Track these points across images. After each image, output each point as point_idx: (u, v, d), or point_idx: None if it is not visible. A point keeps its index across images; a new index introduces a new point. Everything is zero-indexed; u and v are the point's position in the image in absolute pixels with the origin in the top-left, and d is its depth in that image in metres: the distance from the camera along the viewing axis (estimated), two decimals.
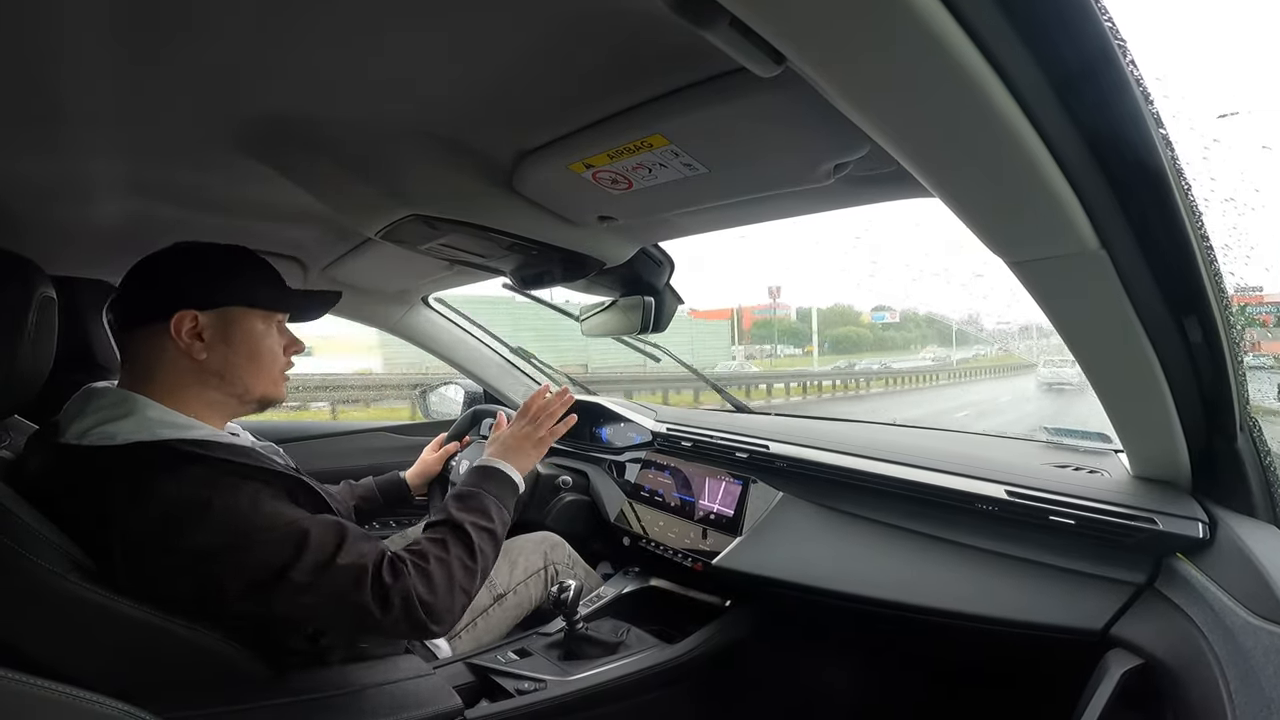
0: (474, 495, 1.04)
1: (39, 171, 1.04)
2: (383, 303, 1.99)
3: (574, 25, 0.64)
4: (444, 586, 0.89)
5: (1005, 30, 0.46)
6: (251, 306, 0.97)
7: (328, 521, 0.88)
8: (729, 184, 0.90)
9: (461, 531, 0.96)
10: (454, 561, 0.92)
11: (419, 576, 0.87)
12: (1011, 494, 1.06)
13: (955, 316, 42.93)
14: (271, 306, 1.00)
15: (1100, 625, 0.92)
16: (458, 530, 0.97)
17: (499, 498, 1.07)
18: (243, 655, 0.87)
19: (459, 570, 0.92)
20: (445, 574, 0.90)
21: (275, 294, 1.01)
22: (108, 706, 0.67)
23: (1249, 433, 0.86)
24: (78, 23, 0.63)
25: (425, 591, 0.87)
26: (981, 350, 38.44)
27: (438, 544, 0.94)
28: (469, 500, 1.03)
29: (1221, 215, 0.71)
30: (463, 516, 0.99)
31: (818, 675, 1.49)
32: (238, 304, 0.95)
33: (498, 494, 1.07)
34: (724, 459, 1.53)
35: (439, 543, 0.94)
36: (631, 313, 1.49)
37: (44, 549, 0.78)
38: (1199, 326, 0.74)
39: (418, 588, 0.86)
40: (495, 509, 1.04)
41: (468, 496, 1.04)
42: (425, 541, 0.94)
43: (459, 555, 0.94)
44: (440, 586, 0.89)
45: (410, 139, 0.91)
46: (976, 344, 40.25)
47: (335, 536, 0.86)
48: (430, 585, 0.88)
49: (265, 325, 0.99)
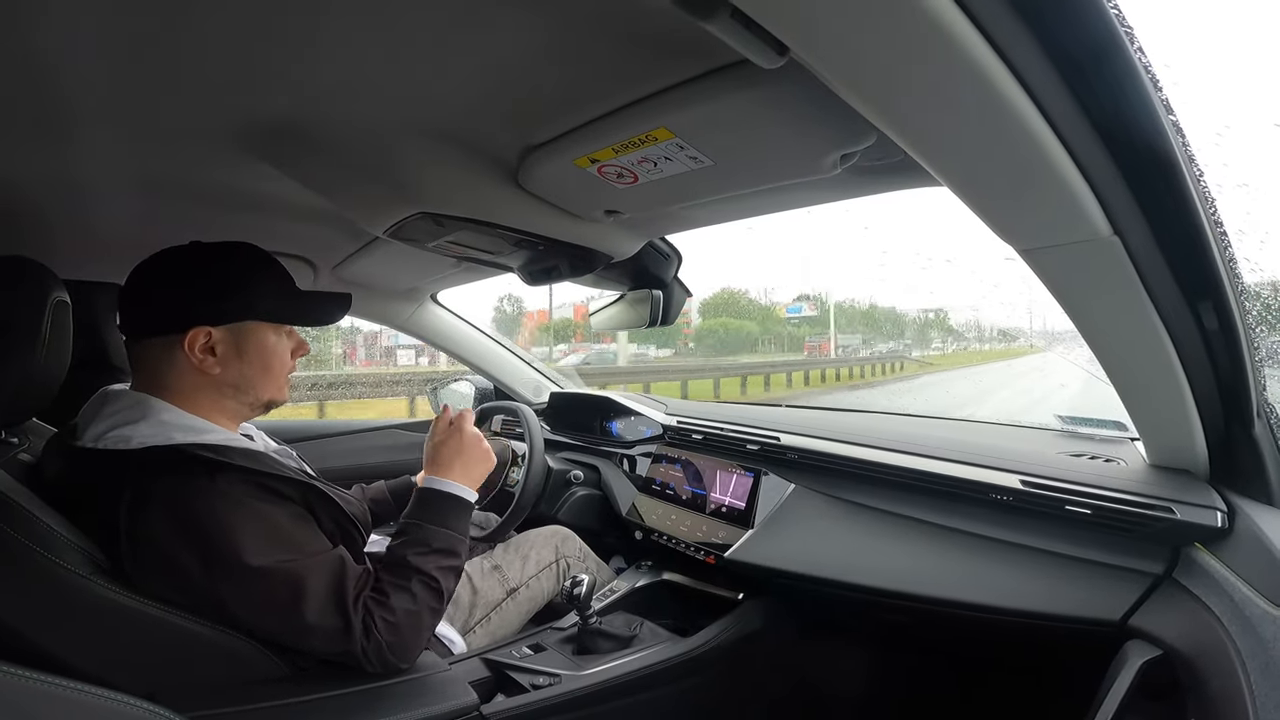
0: (433, 536, 1.01)
1: (50, 177, 1.05)
2: (392, 301, 2.00)
3: (577, 21, 0.64)
4: (411, 633, 0.93)
5: (1011, 17, 0.45)
6: (264, 320, 0.96)
7: (327, 565, 0.89)
8: (735, 176, 0.90)
9: (428, 579, 0.96)
10: (422, 609, 0.94)
11: (388, 631, 0.90)
12: (1027, 484, 1.05)
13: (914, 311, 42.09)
14: (286, 319, 0.99)
15: (1118, 616, 0.91)
16: (424, 578, 0.96)
17: (456, 529, 1.04)
18: (263, 655, 0.88)
19: (427, 615, 0.95)
20: (414, 623, 0.93)
21: (288, 305, 0.99)
22: (135, 707, 0.67)
23: (1266, 420, 0.85)
24: (81, 23, 0.63)
25: (395, 640, 0.91)
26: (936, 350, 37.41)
27: (406, 594, 0.93)
28: (432, 542, 1.00)
29: (1235, 200, 0.70)
30: (426, 563, 0.97)
31: (832, 667, 1.48)
32: (250, 318, 0.94)
33: (453, 525, 1.04)
34: (735, 451, 1.53)
35: (407, 593, 0.93)
36: (640, 306, 1.49)
37: (69, 552, 0.79)
38: (1214, 313, 0.72)
39: (388, 639, 0.90)
40: (456, 543, 1.02)
41: (428, 538, 1.00)
42: (393, 592, 0.93)
43: (427, 602, 0.95)
44: (409, 634, 0.92)
45: (416, 137, 0.91)
46: (939, 343, 39.69)
47: (332, 585, 0.88)
48: (399, 635, 0.91)
49: (277, 335, 0.98)
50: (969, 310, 42.78)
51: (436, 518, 1.03)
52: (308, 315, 1.03)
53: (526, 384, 2.25)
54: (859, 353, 30.18)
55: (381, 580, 0.94)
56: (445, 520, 1.03)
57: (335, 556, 0.91)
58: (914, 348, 33.87)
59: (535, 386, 2.26)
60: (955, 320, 43.89)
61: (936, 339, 41.18)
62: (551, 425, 2.11)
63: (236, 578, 0.82)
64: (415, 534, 1.01)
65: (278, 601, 0.84)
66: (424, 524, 1.02)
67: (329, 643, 0.87)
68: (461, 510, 1.07)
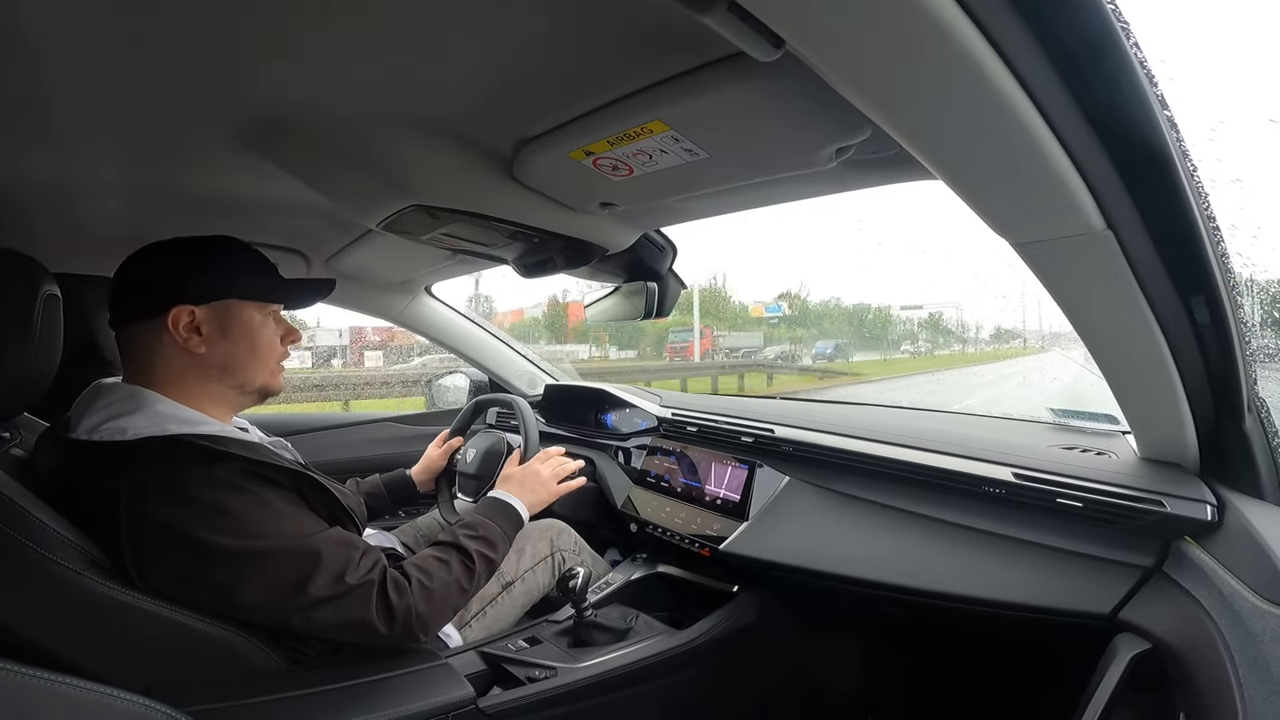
0: (485, 525, 1.11)
1: (39, 169, 1.04)
2: (386, 293, 1.99)
3: (572, 13, 0.64)
4: (440, 604, 0.97)
5: (1008, 11, 0.45)
6: (245, 298, 0.97)
7: (337, 538, 0.91)
8: (730, 169, 0.90)
9: (469, 557, 1.03)
10: (454, 584, 0.99)
11: (421, 595, 0.93)
12: (1019, 476, 1.05)
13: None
14: (265, 297, 1.00)
15: (1108, 609, 0.92)
16: (465, 555, 1.03)
17: (506, 532, 1.14)
18: (260, 649, 0.88)
19: (456, 592, 1.00)
20: (444, 594, 0.97)
21: (268, 284, 1.01)
22: (132, 703, 0.67)
23: (1257, 414, 0.85)
24: (72, 18, 0.63)
25: (424, 608, 0.93)
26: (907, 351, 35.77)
27: (444, 565, 1.00)
28: (480, 529, 1.09)
29: (1228, 195, 0.70)
30: (472, 544, 1.05)
31: (826, 660, 1.49)
32: (232, 296, 0.96)
33: (505, 528, 1.14)
34: (729, 443, 1.53)
35: (445, 564, 1.00)
36: (635, 298, 1.49)
37: (63, 548, 0.78)
38: (1206, 307, 0.73)
39: (419, 605, 0.93)
40: (502, 541, 1.12)
41: (479, 526, 1.10)
42: (433, 561, 1.00)
43: (459, 578, 1.00)
44: (438, 604, 0.96)
45: (410, 129, 0.90)
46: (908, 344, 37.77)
47: (344, 555, 0.89)
48: (430, 602, 0.94)
49: (261, 316, 0.99)
50: (952, 308, 40.81)
51: (493, 515, 1.15)
52: (287, 294, 1.05)
53: (521, 376, 2.25)
54: (757, 355, 26.18)
55: (428, 553, 1.02)
56: (500, 523, 1.14)
57: (336, 532, 0.92)
58: (854, 349, 31.28)
59: (530, 379, 2.26)
60: (946, 319, 41.99)
61: (908, 341, 39.13)
62: (546, 417, 2.11)
63: (244, 562, 0.82)
64: (469, 519, 1.12)
65: (287, 579, 0.84)
66: (480, 516, 1.14)
67: (344, 615, 0.87)
68: (515, 521, 1.18)
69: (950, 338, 41.19)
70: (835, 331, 36.48)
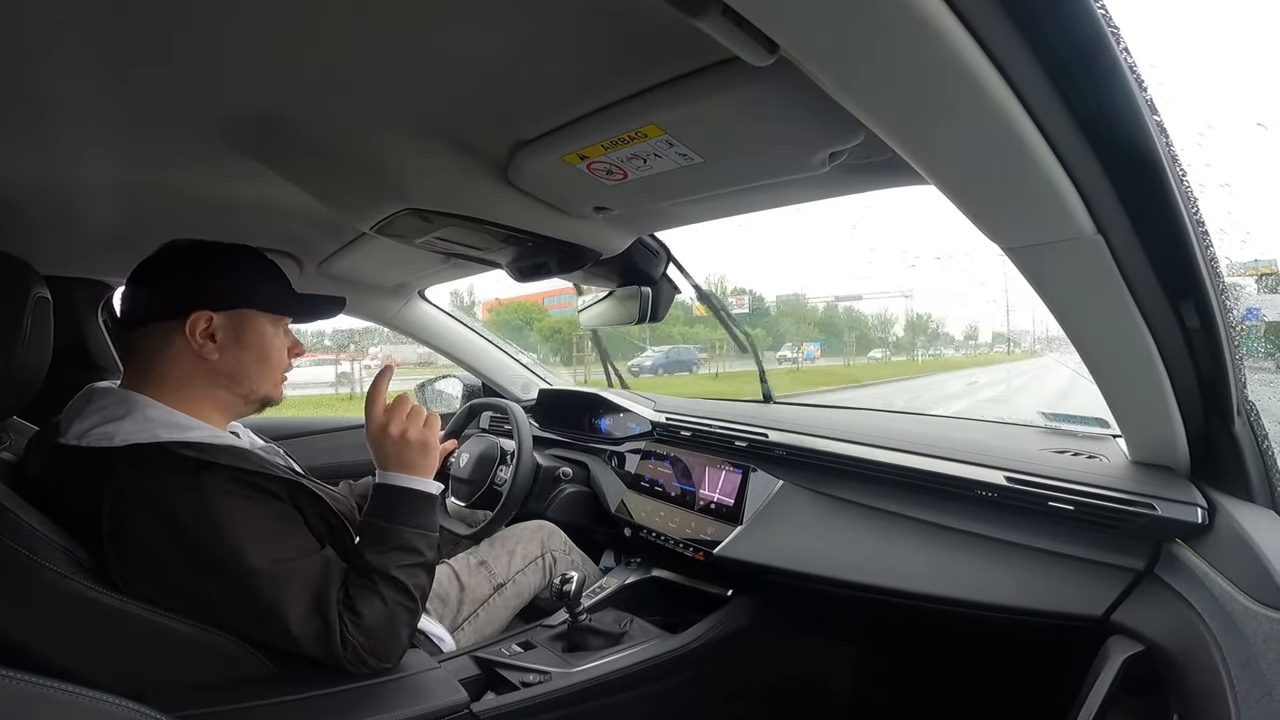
0: (388, 534, 0.97)
1: (31, 171, 1.03)
2: (379, 297, 1.99)
3: (567, 17, 0.64)
4: (388, 633, 0.92)
5: (999, 16, 0.46)
6: (262, 309, 0.98)
7: (310, 567, 0.89)
8: (724, 173, 0.90)
9: (391, 580, 0.93)
10: (394, 608, 0.93)
11: (361, 634, 0.89)
12: (1011, 480, 1.06)
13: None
14: (280, 310, 1.01)
15: (1100, 612, 0.92)
16: (388, 579, 0.93)
17: (417, 524, 0.99)
18: (251, 654, 0.88)
19: (401, 613, 0.94)
20: (389, 623, 0.92)
21: (286, 298, 1.02)
22: (121, 707, 0.67)
23: (1246, 417, 0.86)
24: (65, 19, 0.63)
25: (371, 642, 0.90)
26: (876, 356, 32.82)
27: (374, 596, 0.91)
28: (389, 541, 0.96)
29: (1217, 200, 0.71)
30: (388, 564, 0.94)
31: (821, 663, 1.49)
32: (250, 306, 0.96)
33: (413, 521, 0.99)
34: (723, 448, 1.53)
35: (375, 594, 0.92)
36: (629, 303, 1.49)
37: (51, 552, 0.78)
38: (1195, 311, 0.73)
39: (363, 643, 0.89)
40: (418, 538, 0.98)
41: (384, 537, 0.97)
42: (358, 594, 0.90)
43: (396, 600, 0.93)
44: (384, 635, 0.91)
45: (404, 133, 0.90)
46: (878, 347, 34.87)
47: (315, 588, 0.88)
48: (374, 636, 0.90)
49: (274, 328, 1.00)
50: (899, 296, 37.12)
51: (395, 515, 0.99)
52: (305, 310, 1.06)
53: (515, 381, 2.25)
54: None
55: (349, 584, 0.92)
56: (404, 517, 0.99)
57: (320, 560, 0.91)
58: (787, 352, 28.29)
59: (524, 383, 2.26)
60: (892, 313, 39.01)
61: (879, 348, 35.92)
62: (540, 422, 2.11)
63: (220, 577, 0.82)
64: (370, 533, 0.98)
65: (261, 603, 0.84)
66: (379, 522, 0.98)
67: (313, 646, 0.87)
68: (421, 504, 1.01)
69: (923, 339, 39.17)
70: (794, 333, 34.53)
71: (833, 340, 33.56)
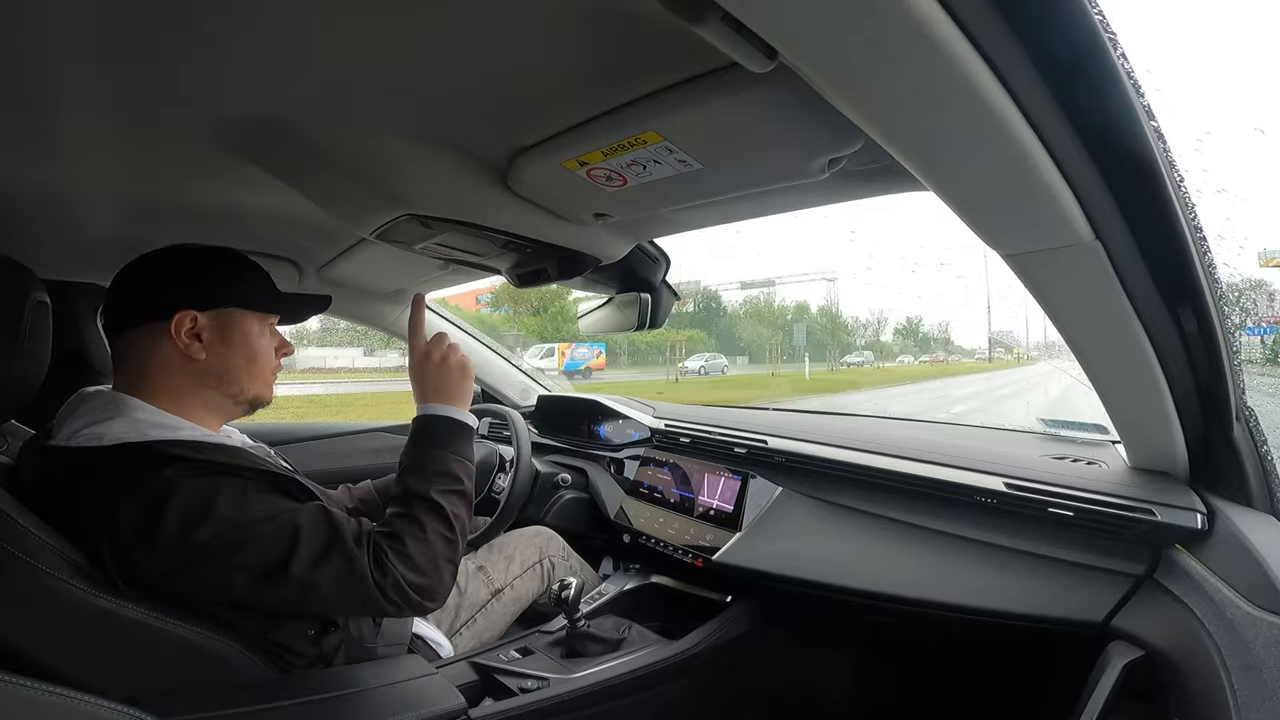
0: (430, 459, 0.99)
1: (31, 174, 1.03)
2: (379, 302, 1.99)
3: (566, 23, 0.64)
4: (430, 566, 0.90)
5: (997, 22, 0.46)
6: (248, 308, 0.97)
7: (315, 511, 0.88)
8: (724, 180, 0.90)
9: (431, 503, 0.94)
10: (433, 537, 0.92)
11: (402, 563, 0.87)
12: (1010, 486, 1.06)
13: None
14: (268, 309, 1.00)
15: (1100, 617, 0.92)
16: (427, 503, 0.94)
17: (456, 451, 1.01)
18: (247, 658, 0.87)
19: (440, 544, 0.92)
20: (428, 553, 0.90)
21: (271, 296, 1.01)
22: (117, 712, 0.66)
23: (1245, 423, 0.86)
24: (65, 22, 0.63)
25: (415, 576, 0.88)
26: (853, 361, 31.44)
27: (412, 523, 0.92)
28: (429, 467, 0.98)
29: (1214, 205, 0.71)
30: (426, 487, 0.95)
31: (820, 670, 1.49)
32: (235, 305, 0.96)
33: (453, 447, 1.01)
34: (723, 454, 1.53)
35: (413, 521, 0.92)
36: (628, 309, 1.49)
37: (47, 555, 0.77)
38: (1193, 317, 0.74)
39: (406, 575, 0.87)
40: (457, 465, 1.00)
41: (425, 463, 0.99)
42: (398, 523, 0.92)
43: (436, 529, 0.93)
44: (427, 567, 0.89)
45: (404, 139, 0.90)
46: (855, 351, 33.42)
47: (326, 527, 0.86)
48: (416, 569, 0.88)
49: (260, 327, 0.99)
50: (824, 279, 34.16)
51: (436, 442, 1.02)
52: (289, 308, 1.05)
53: (514, 387, 2.25)
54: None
55: (388, 515, 0.94)
56: (444, 443, 1.02)
57: (316, 506, 0.89)
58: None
59: (523, 390, 2.26)
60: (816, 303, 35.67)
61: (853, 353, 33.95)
62: (539, 428, 2.11)
63: (222, 548, 0.80)
64: (410, 461, 1.00)
65: (271, 559, 0.82)
66: (419, 449, 1.01)
67: (339, 589, 0.85)
68: (460, 432, 1.04)
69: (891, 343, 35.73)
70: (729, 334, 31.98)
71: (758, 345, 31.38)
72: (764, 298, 34.95)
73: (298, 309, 1.08)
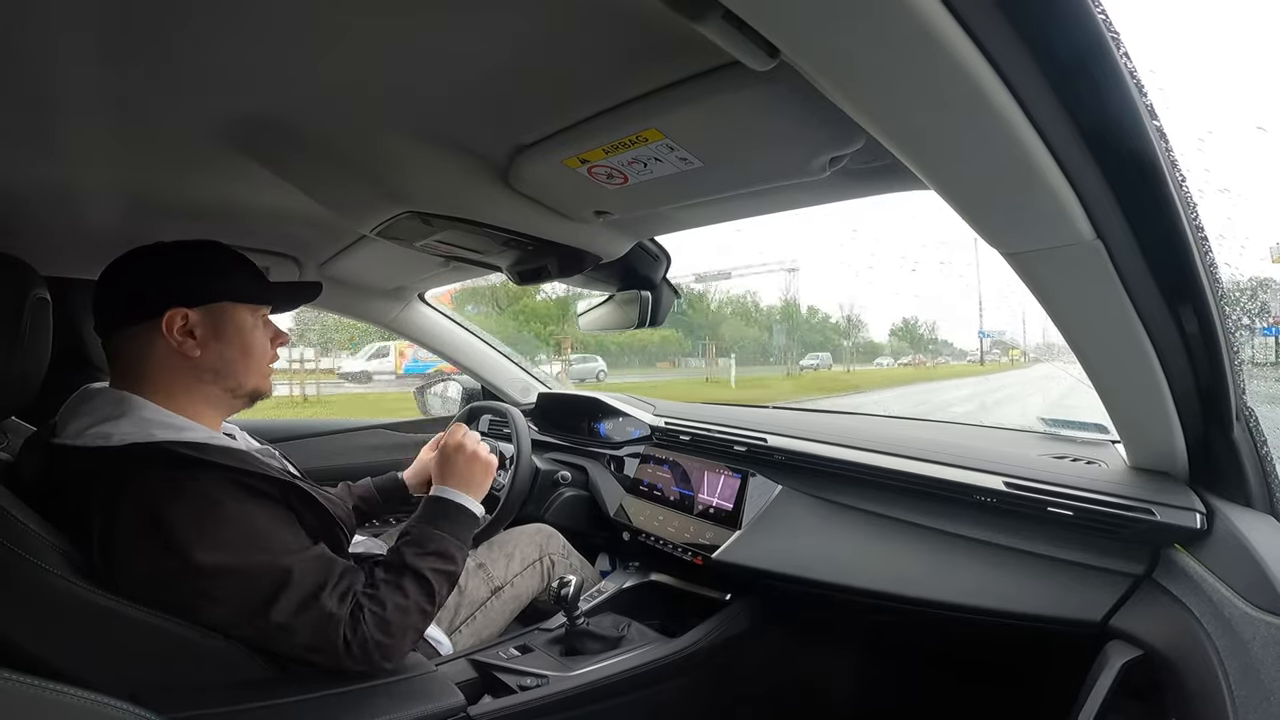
0: (433, 539, 1.02)
1: (31, 170, 1.03)
2: (379, 299, 1.99)
3: (568, 21, 0.64)
4: (400, 631, 0.91)
5: (999, 21, 0.46)
6: (239, 301, 0.97)
7: (314, 558, 0.89)
8: (725, 178, 0.90)
9: (421, 578, 0.96)
10: (412, 608, 0.93)
11: (376, 626, 0.89)
12: (1010, 485, 1.06)
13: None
14: (258, 300, 1.00)
15: (1099, 616, 0.92)
16: (418, 578, 0.96)
17: (459, 539, 1.05)
18: (246, 656, 0.87)
19: (416, 616, 0.94)
20: (403, 621, 0.92)
21: (259, 287, 1.01)
22: (117, 709, 0.67)
23: (1245, 423, 0.86)
24: (66, 20, 0.63)
25: (383, 637, 0.89)
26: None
27: (398, 591, 0.93)
28: (429, 544, 1.01)
29: (1216, 205, 0.71)
30: (424, 564, 0.97)
31: (819, 668, 1.49)
32: (226, 299, 0.95)
33: (457, 534, 1.05)
34: (722, 452, 1.53)
35: (399, 590, 0.94)
36: (629, 307, 1.49)
37: (48, 553, 0.78)
38: (1194, 316, 0.74)
39: (375, 636, 0.88)
40: (456, 550, 1.03)
41: (427, 540, 1.01)
42: (385, 589, 0.93)
43: (418, 602, 0.94)
44: (397, 632, 0.91)
45: (405, 136, 0.90)
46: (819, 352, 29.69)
47: (317, 578, 0.87)
48: (388, 632, 0.90)
49: (253, 319, 0.99)
50: (783, 270, 29.25)
51: (443, 525, 1.05)
52: (281, 297, 1.06)
53: (514, 384, 2.25)
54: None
55: (376, 577, 0.94)
56: (447, 527, 1.05)
57: (316, 553, 0.90)
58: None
59: (523, 387, 2.26)
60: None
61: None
62: (539, 426, 2.11)
63: (213, 576, 0.81)
64: (414, 535, 1.02)
65: (256, 599, 0.83)
66: (424, 527, 1.04)
67: (311, 638, 0.86)
68: (466, 520, 1.08)
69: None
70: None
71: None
72: (713, 291, 31.17)
73: (289, 297, 1.08)
